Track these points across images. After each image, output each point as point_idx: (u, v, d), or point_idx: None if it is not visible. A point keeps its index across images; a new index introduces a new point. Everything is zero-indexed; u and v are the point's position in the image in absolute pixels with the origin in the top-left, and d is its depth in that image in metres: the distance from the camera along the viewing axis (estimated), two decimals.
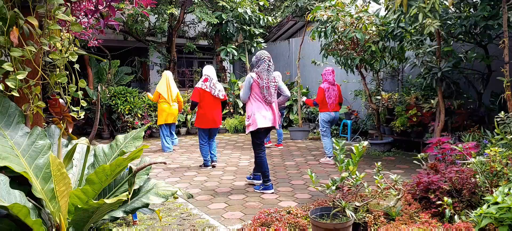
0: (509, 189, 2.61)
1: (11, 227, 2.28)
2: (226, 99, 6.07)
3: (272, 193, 4.60)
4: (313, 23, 7.72)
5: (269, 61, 4.57)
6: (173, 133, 7.78)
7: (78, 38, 2.89)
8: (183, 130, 10.24)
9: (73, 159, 2.79)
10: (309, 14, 7.11)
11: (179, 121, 9.91)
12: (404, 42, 6.27)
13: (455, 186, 3.25)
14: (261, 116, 4.51)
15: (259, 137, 4.64)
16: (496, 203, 2.55)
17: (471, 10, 5.62)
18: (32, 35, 2.45)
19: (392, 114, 7.57)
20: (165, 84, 7.34)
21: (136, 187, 2.60)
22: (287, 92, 5.48)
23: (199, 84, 5.84)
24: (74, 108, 2.69)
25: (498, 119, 4.08)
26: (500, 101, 5.39)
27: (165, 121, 7.35)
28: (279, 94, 5.70)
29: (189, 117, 10.09)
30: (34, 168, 2.39)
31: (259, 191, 4.68)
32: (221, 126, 6.32)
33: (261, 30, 11.02)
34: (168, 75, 7.44)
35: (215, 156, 6.14)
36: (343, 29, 6.55)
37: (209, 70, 5.90)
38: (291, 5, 10.72)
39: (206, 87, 5.77)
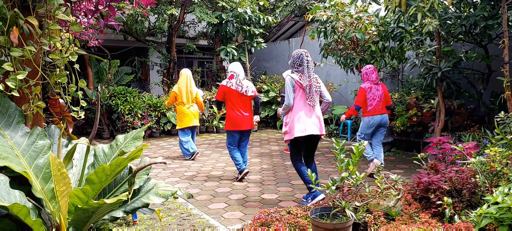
0: (509, 189, 2.61)
1: (11, 227, 2.28)
2: (256, 95, 5.37)
3: (323, 199, 3.99)
4: (313, 23, 7.72)
5: (307, 56, 4.04)
6: (194, 137, 7.04)
7: (78, 38, 2.89)
8: None
9: (73, 159, 2.79)
10: (309, 14, 7.11)
11: None
12: (404, 42, 6.27)
13: (455, 186, 3.25)
14: (301, 123, 3.95)
15: (299, 146, 4.09)
16: (496, 203, 2.55)
17: (471, 10, 5.62)
18: (32, 35, 2.45)
19: (392, 114, 7.57)
20: (185, 84, 6.69)
21: (136, 187, 2.60)
22: (328, 96, 4.33)
23: (224, 82, 5.26)
24: (74, 108, 2.69)
25: (498, 119, 4.08)
26: (500, 101, 5.39)
27: (186, 124, 6.68)
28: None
29: None
30: (34, 168, 2.39)
31: (309, 203, 3.98)
32: (253, 129, 5.51)
33: (261, 30, 11.03)
34: (188, 73, 6.78)
35: (240, 164, 5.30)
36: (343, 29, 6.56)
37: (235, 67, 5.30)
38: (290, 4, 10.72)
39: (232, 85, 5.15)
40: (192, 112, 6.73)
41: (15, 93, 2.33)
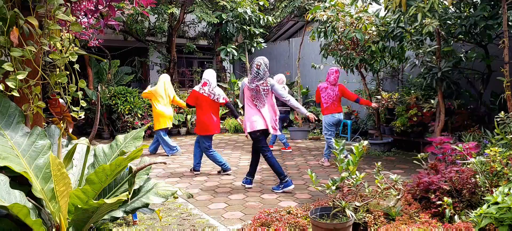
0: (509, 189, 2.61)
1: (11, 227, 2.28)
2: (227, 102, 5.74)
3: (293, 188, 4.68)
4: (313, 23, 7.72)
5: (257, 68, 4.64)
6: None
7: (78, 38, 2.89)
8: (183, 130, 10.23)
9: (73, 159, 2.79)
10: (308, 14, 7.11)
11: (178, 120, 9.89)
12: (404, 42, 6.27)
13: (455, 186, 3.25)
14: (250, 120, 4.69)
15: (258, 140, 4.75)
16: (496, 203, 2.55)
17: (471, 10, 5.62)
18: (32, 35, 2.45)
19: (392, 114, 7.57)
20: (163, 88, 7.01)
21: (136, 187, 2.60)
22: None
23: (196, 88, 5.56)
24: (74, 108, 2.68)
25: (498, 119, 4.08)
26: (500, 101, 5.39)
27: (164, 125, 6.99)
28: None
29: (189, 116, 10.09)
30: (34, 168, 2.39)
31: (280, 191, 4.65)
32: (218, 133, 5.93)
33: (261, 30, 11.02)
34: (165, 79, 7.12)
35: (199, 164, 5.76)
36: (343, 29, 6.55)
37: (209, 75, 5.61)
38: (289, 5, 10.71)
39: (204, 92, 5.49)
40: (169, 114, 7.09)
41: (15, 93, 2.33)
